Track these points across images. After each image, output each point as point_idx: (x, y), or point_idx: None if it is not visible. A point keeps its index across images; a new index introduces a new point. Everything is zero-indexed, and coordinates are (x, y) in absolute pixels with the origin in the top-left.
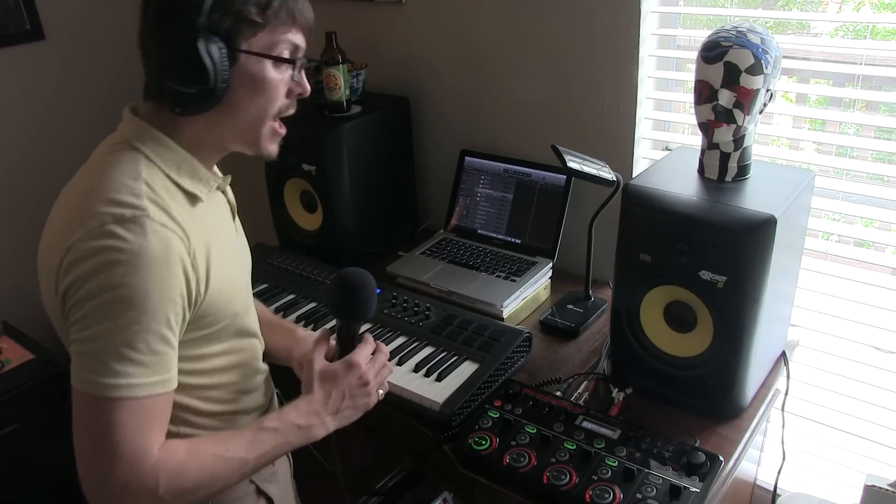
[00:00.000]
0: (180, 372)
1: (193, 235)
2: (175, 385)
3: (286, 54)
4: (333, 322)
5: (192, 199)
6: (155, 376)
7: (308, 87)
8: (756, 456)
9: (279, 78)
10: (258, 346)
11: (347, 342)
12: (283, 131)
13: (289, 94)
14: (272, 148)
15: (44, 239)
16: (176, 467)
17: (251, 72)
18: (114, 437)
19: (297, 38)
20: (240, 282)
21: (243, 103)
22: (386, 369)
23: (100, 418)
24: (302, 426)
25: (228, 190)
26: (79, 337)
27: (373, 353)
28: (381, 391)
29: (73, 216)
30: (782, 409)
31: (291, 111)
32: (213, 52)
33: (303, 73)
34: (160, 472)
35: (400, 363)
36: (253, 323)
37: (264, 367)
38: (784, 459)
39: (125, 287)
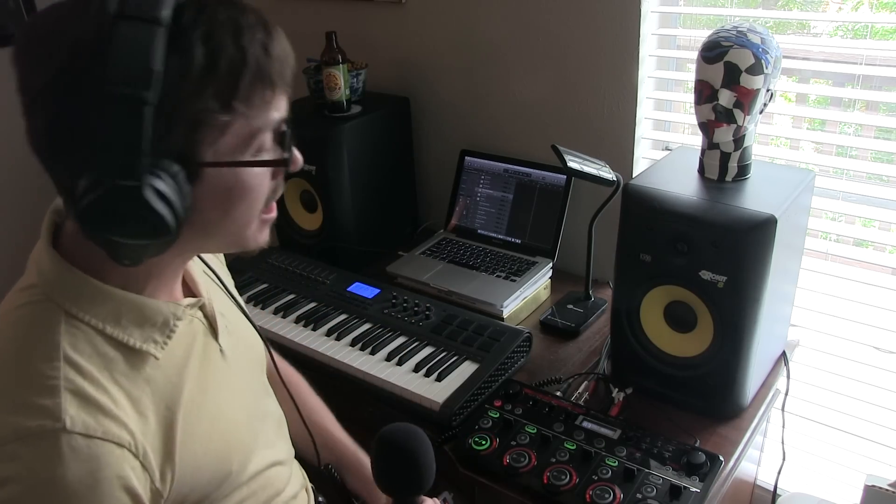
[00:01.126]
0: None
1: (144, 417)
2: None
3: (268, 140)
4: None
5: (142, 359)
6: None
7: (300, 158)
8: (756, 456)
9: (261, 173)
10: (283, 474)
11: None
12: (273, 215)
13: (275, 176)
14: (262, 240)
15: None
16: None
17: (223, 185)
18: None
19: (281, 105)
20: (237, 422)
21: (218, 220)
22: None
23: None
24: None
25: (208, 302)
26: None
27: None
28: None
29: None
30: (782, 409)
31: (279, 193)
32: (167, 190)
33: (289, 140)
34: None
35: (400, 363)
36: (268, 454)
37: (293, 490)
38: (784, 459)
39: None
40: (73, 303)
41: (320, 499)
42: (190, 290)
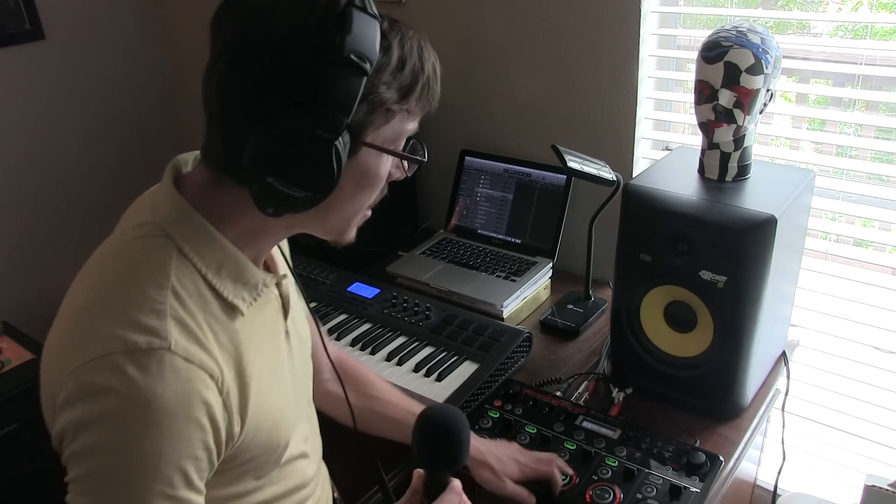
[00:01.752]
0: None
1: (229, 362)
2: None
3: (402, 143)
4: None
5: (232, 310)
6: None
7: (405, 172)
8: (756, 456)
9: (388, 168)
10: (306, 468)
11: (430, 492)
12: (369, 214)
13: (388, 177)
14: (352, 235)
15: (48, 342)
16: None
17: (366, 166)
18: None
19: (417, 122)
20: (289, 401)
21: (344, 199)
22: None
23: None
24: None
25: (284, 281)
26: (76, 501)
27: None
28: None
29: (78, 329)
30: (782, 409)
31: (384, 194)
32: (341, 153)
33: None
34: None
35: (400, 363)
36: (300, 442)
37: (314, 486)
38: (784, 459)
39: (130, 449)
40: (188, 243)
41: (335, 494)
42: (268, 266)
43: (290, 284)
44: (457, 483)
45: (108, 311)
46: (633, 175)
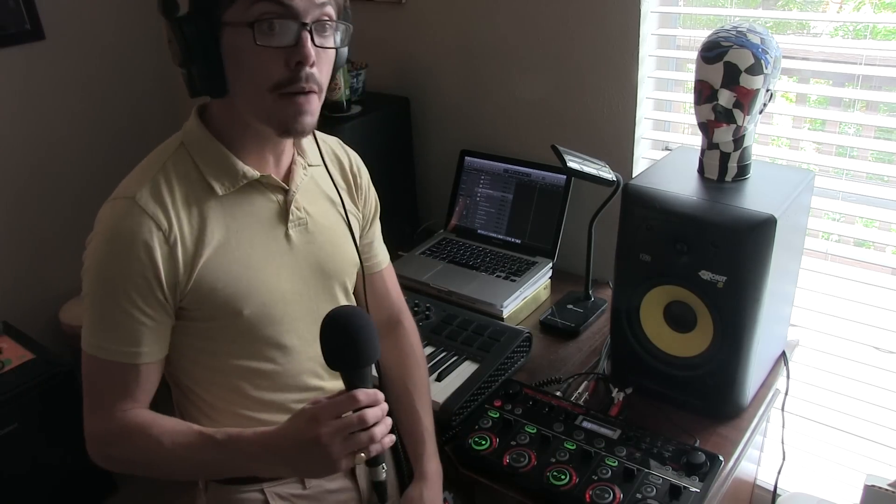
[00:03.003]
0: (191, 361)
1: (191, 223)
2: (147, 360)
3: (265, 16)
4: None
5: (210, 189)
6: (120, 345)
7: (307, 52)
8: (756, 456)
9: (261, 47)
10: (301, 362)
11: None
12: (303, 101)
13: (288, 63)
14: (290, 119)
15: None
16: (122, 434)
17: (232, 45)
18: (85, 386)
19: (279, 6)
20: (267, 287)
21: (235, 80)
22: (380, 427)
23: (83, 368)
24: (246, 455)
25: (297, 196)
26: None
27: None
28: (361, 454)
29: (120, 185)
30: (782, 409)
31: (304, 84)
32: (186, 29)
33: (303, 35)
34: (110, 431)
35: None
36: (292, 337)
37: (309, 386)
38: (784, 459)
39: (94, 261)
40: (188, 138)
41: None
42: (287, 181)
43: (323, 211)
44: (361, 391)
45: (129, 176)
46: (633, 175)
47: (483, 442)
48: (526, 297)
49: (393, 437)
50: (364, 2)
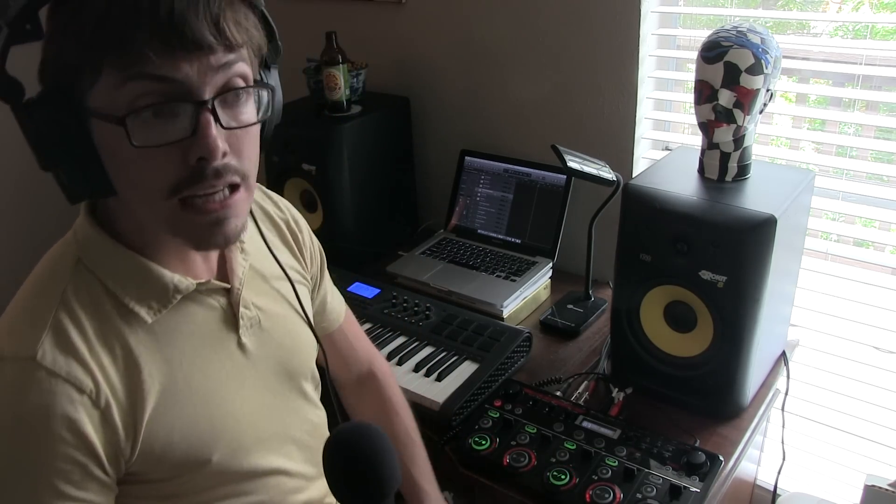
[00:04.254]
0: None
1: (116, 374)
2: None
3: (148, 101)
4: None
5: (134, 317)
6: None
7: (209, 144)
8: (756, 456)
9: (142, 149)
10: (287, 484)
11: None
12: (215, 207)
13: (187, 158)
14: (200, 234)
15: None
16: None
17: (104, 141)
18: None
19: (167, 71)
20: (234, 417)
21: (121, 184)
22: None
23: None
24: None
25: (244, 292)
26: None
27: None
28: None
29: None
30: (782, 409)
31: (214, 182)
32: (38, 119)
33: (203, 120)
34: None
35: (400, 363)
36: (273, 459)
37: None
38: (784, 459)
39: None
40: (86, 254)
41: None
42: (226, 276)
43: (267, 297)
44: None
45: (10, 315)
46: (633, 175)
47: (483, 442)
48: (526, 297)
49: None
50: (364, 2)
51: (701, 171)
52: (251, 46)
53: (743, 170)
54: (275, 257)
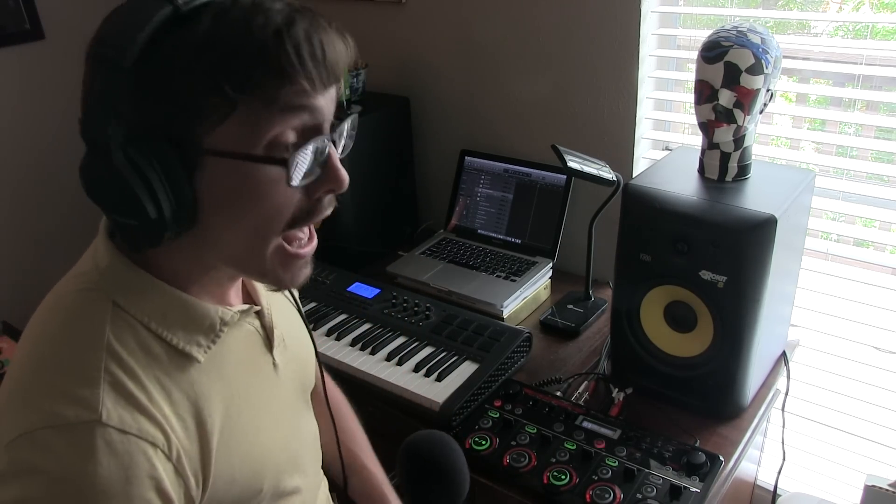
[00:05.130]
0: None
1: (184, 419)
2: None
3: (290, 137)
4: None
5: (187, 359)
6: None
7: (343, 177)
8: (756, 456)
9: (277, 180)
10: (304, 496)
11: None
12: (309, 249)
13: (311, 192)
14: (293, 276)
15: None
16: None
17: (227, 180)
18: None
19: (313, 101)
20: (277, 438)
21: (224, 225)
22: None
23: None
24: None
25: (267, 312)
26: None
27: None
28: None
29: (13, 398)
30: (782, 409)
31: (326, 213)
32: (143, 165)
33: (333, 153)
34: None
35: (400, 363)
36: (296, 478)
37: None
38: (784, 459)
39: None
40: (122, 294)
41: None
42: (250, 296)
43: (279, 313)
44: None
45: (40, 379)
46: (633, 175)
47: (483, 442)
48: (526, 297)
49: None
50: (364, 2)
51: (701, 171)
52: None
53: (743, 170)
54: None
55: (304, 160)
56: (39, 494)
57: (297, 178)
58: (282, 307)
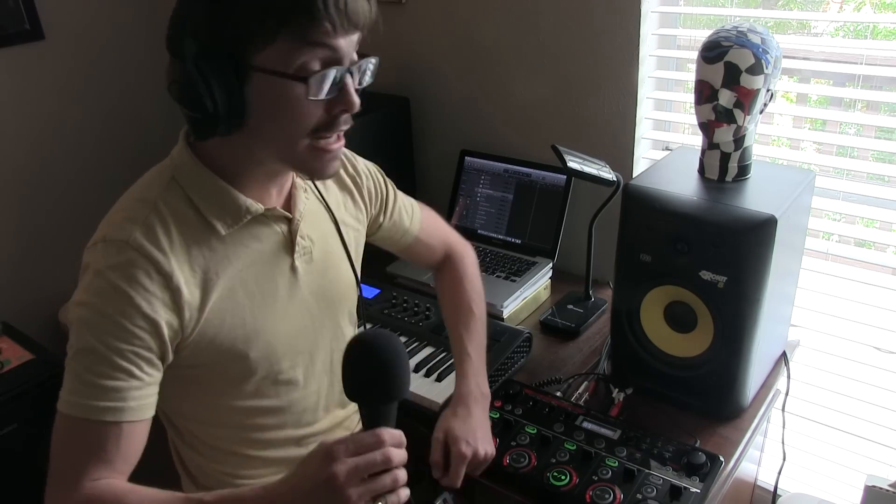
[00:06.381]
0: (186, 403)
1: (194, 269)
2: (132, 418)
3: (315, 65)
4: None
5: (211, 228)
6: (100, 401)
7: (354, 101)
8: (756, 456)
9: (302, 94)
10: (306, 396)
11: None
12: (337, 146)
13: (330, 109)
14: (322, 167)
15: None
16: None
17: (268, 92)
18: (52, 455)
19: (334, 41)
20: (273, 324)
21: (265, 126)
22: (402, 472)
23: (53, 435)
24: None
25: (301, 224)
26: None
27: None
28: (380, 502)
29: (104, 223)
30: (783, 410)
31: (342, 127)
32: (208, 72)
33: (348, 82)
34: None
35: None
36: (295, 370)
37: (314, 420)
38: (784, 459)
39: (83, 312)
40: (180, 173)
41: None
42: (289, 208)
43: (324, 236)
44: (386, 430)
45: (112, 213)
46: (633, 175)
47: None
48: (526, 297)
49: (408, 492)
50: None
51: (701, 171)
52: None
53: (743, 170)
54: (326, 204)
55: (320, 82)
56: (85, 278)
57: (314, 94)
58: (325, 233)
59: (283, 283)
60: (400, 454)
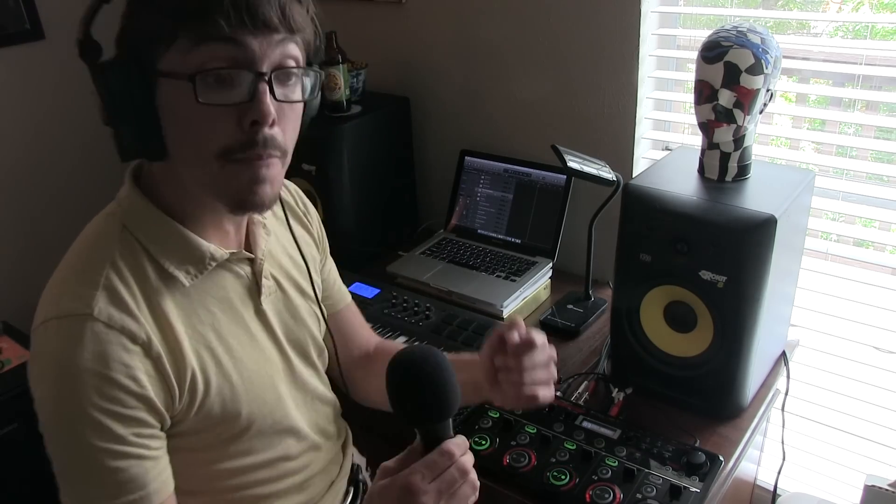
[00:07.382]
0: (182, 472)
1: (159, 332)
2: (158, 500)
3: (218, 65)
4: None
5: (173, 281)
6: (124, 495)
7: (265, 110)
8: (756, 456)
9: (205, 105)
10: (293, 446)
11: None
12: (258, 164)
13: (241, 121)
14: (244, 193)
15: None
16: None
17: (169, 100)
18: None
19: (241, 39)
20: (255, 376)
21: (173, 143)
22: (466, 487)
23: None
24: None
25: (264, 264)
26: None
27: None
28: None
29: (47, 291)
30: (782, 409)
31: (265, 149)
32: (112, 79)
33: (261, 88)
34: None
35: None
36: (286, 418)
37: (302, 465)
38: (784, 459)
39: (57, 408)
40: (130, 220)
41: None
42: (251, 247)
43: (288, 273)
44: (452, 442)
45: (60, 280)
46: (633, 175)
47: (483, 442)
48: (526, 297)
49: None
50: (364, 2)
51: (701, 171)
52: (303, 37)
53: (743, 170)
54: (293, 235)
55: (212, 82)
56: (45, 372)
57: (204, 95)
58: (286, 270)
59: (255, 329)
60: (470, 459)
